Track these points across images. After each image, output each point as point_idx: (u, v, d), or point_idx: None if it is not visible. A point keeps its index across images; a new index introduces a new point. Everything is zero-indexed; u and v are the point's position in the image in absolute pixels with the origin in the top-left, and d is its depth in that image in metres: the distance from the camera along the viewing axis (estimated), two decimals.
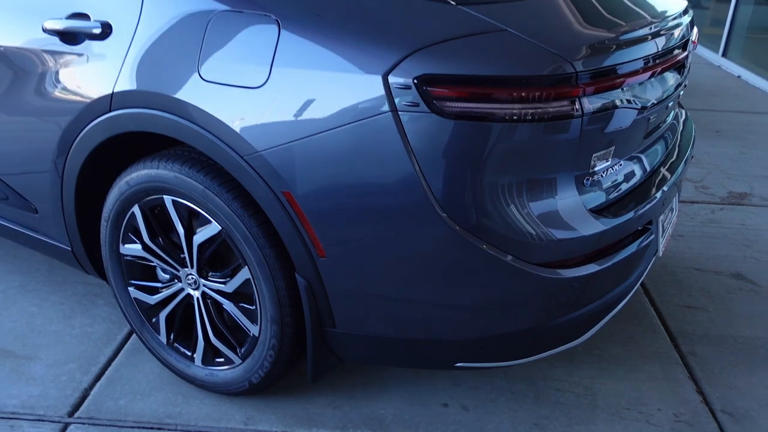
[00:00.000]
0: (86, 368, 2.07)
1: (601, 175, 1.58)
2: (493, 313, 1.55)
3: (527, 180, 1.45)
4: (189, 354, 1.95)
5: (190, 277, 1.85)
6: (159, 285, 1.95)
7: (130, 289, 1.98)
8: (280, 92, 1.47)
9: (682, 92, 1.94)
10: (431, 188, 1.42)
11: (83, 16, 1.76)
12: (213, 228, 1.70)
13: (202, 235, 1.74)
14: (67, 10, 1.79)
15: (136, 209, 1.83)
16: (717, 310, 2.47)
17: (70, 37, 1.79)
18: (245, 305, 1.77)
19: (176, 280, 1.90)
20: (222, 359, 1.89)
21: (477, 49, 1.40)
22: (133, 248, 1.91)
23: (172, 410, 1.91)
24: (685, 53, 1.83)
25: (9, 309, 2.36)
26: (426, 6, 1.46)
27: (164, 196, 1.76)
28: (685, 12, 1.94)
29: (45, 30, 1.81)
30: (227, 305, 1.80)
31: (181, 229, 1.77)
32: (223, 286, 1.78)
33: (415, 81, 1.36)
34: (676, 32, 1.79)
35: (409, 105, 1.38)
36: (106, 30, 1.72)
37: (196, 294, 1.87)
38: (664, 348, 2.26)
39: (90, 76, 1.76)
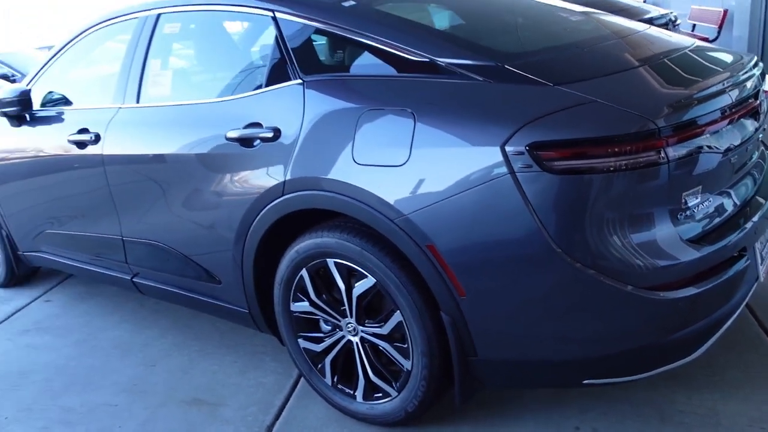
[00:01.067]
0: (266, 410, 2.49)
1: (694, 210, 1.86)
2: (612, 332, 1.83)
3: (629, 219, 1.76)
4: (351, 392, 2.32)
5: (349, 325, 2.25)
6: (322, 335, 2.35)
7: (299, 340, 2.40)
8: (419, 167, 1.88)
9: (761, 135, 2.19)
10: (549, 233, 1.75)
11: (257, 125, 2.27)
12: (369, 281, 2.10)
13: (359, 288, 2.14)
14: (244, 122, 2.31)
15: (304, 272, 2.27)
16: None
17: (247, 141, 2.30)
18: (398, 344, 2.14)
19: (338, 329, 2.30)
20: (380, 394, 2.25)
21: (574, 118, 1.76)
22: (301, 305, 2.34)
23: None
24: (758, 101, 2.10)
25: (195, 368, 2.84)
26: (529, 89, 1.85)
27: (327, 260, 2.19)
28: (755, 65, 2.22)
29: (227, 138, 2.34)
30: (383, 345, 2.17)
31: (342, 285, 2.19)
32: (379, 329, 2.16)
33: (527, 148, 1.73)
34: (749, 84, 2.08)
35: (523, 167, 1.74)
36: (277, 133, 2.21)
37: (355, 339, 2.25)
38: None
39: (265, 170, 2.25)
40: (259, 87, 2.34)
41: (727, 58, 2.25)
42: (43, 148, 3.13)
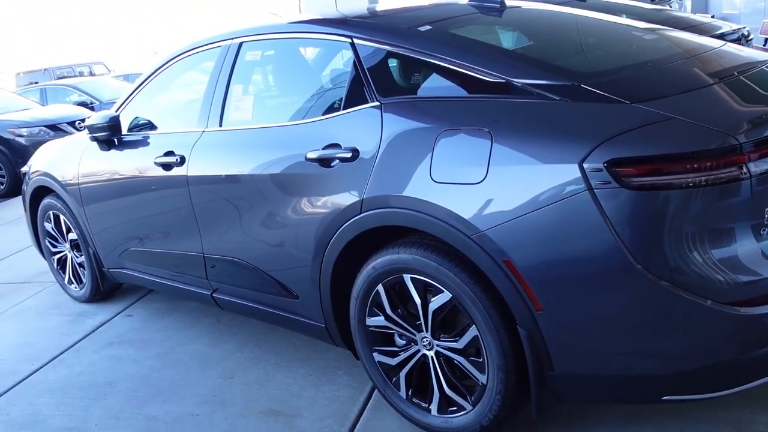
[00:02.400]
0: (341, 422, 2.55)
1: None
2: (692, 347, 1.82)
3: (710, 234, 1.77)
4: (425, 405, 2.37)
5: (425, 339, 2.30)
6: (397, 349, 2.41)
7: (375, 354, 2.46)
8: (496, 185, 1.94)
9: None
10: (628, 249, 1.77)
11: (335, 146, 2.37)
12: (445, 296, 2.16)
13: (435, 303, 2.20)
14: (323, 143, 2.41)
15: (380, 288, 2.34)
16: None
17: (326, 162, 2.40)
18: (473, 358, 2.18)
19: (412, 344, 2.35)
20: (455, 407, 2.29)
21: (652, 135, 1.78)
22: (377, 320, 2.41)
23: None
24: None
25: (270, 381, 2.94)
26: (606, 107, 1.88)
27: (404, 275, 2.25)
28: None
29: (307, 159, 2.44)
30: (459, 360, 2.21)
31: (418, 300, 2.25)
32: (454, 343, 2.20)
33: (605, 164, 1.76)
34: None
35: (601, 183, 1.77)
36: (355, 153, 2.30)
37: (430, 353, 2.30)
38: None
39: (343, 189, 2.34)
40: (337, 110, 2.45)
41: None
42: (130, 170, 3.32)
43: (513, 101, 2.02)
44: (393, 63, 2.39)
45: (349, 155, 2.31)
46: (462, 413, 2.26)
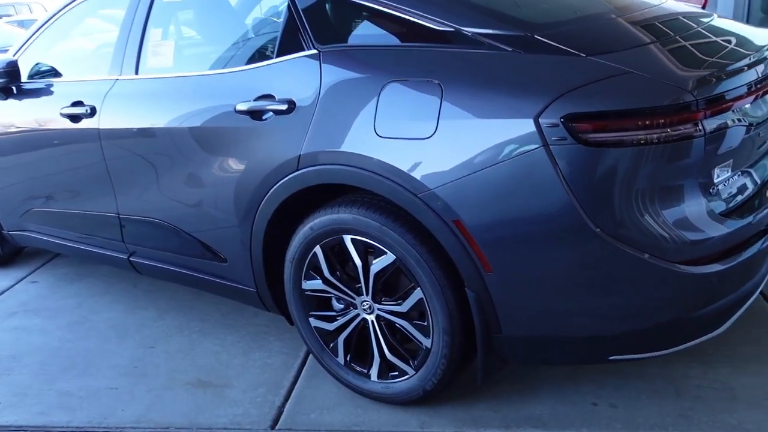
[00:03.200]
0: (275, 391, 2.43)
1: (725, 184, 1.84)
2: (641, 307, 1.81)
3: (664, 193, 1.73)
4: (365, 371, 2.27)
5: (365, 303, 2.19)
6: (335, 313, 2.29)
7: (311, 319, 2.34)
8: (447, 140, 1.83)
9: None
10: (583, 208, 1.71)
11: (269, 97, 2.19)
12: (388, 258, 2.05)
13: (377, 265, 2.09)
14: (255, 94, 2.22)
15: (317, 249, 2.20)
16: None
17: (257, 114, 2.21)
18: (418, 322, 2.09)
19: (351, 308, 2.24)
20: (396, 372, 2.20)
21: (609, 89, 1.71)
22: (313, 283, 2.27)
23: (355, 420, 2.23)
24: None
25: (196, 349, 2.76)
26: (562, 60, 1.80)
27: (344, 236, 2.12)
28: None
29: (237, 111, 2.24)
30: (401, 323, 2.12)
31: (359, 262, 2.13)
32: (397, 307, 2.11)
33: (562, 119, 1.69)
34: None
35: (557, 139, 1.70)
36: (291, 105, 2.13)
37: (371, 318, 2.20)
38: None
39: (278, 144, 2.17)
40: (270, 58, 2.26)
41: (752, 32, 2.22)
42: (32, 122, 3.00)
43: (463, 51, 1.90)
44: (332, 7, 2.21)
45: (284, 107, 2.14)
46: (404, 378, 2.19)
